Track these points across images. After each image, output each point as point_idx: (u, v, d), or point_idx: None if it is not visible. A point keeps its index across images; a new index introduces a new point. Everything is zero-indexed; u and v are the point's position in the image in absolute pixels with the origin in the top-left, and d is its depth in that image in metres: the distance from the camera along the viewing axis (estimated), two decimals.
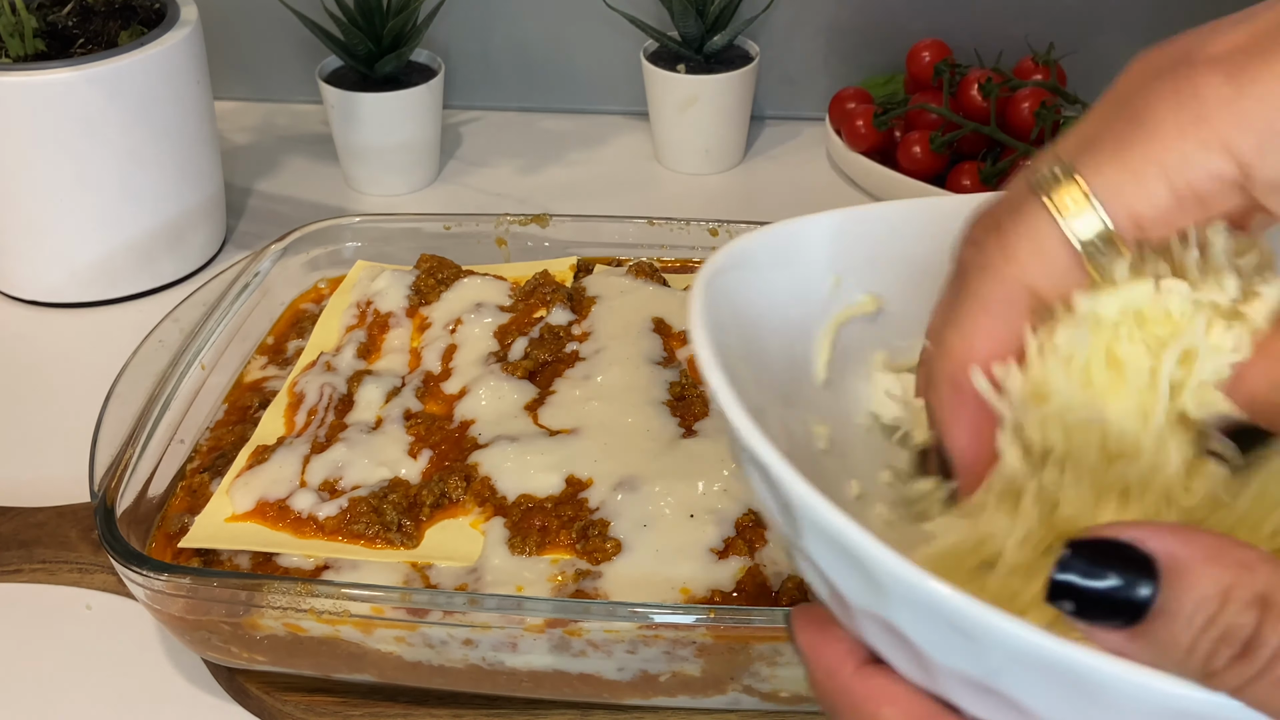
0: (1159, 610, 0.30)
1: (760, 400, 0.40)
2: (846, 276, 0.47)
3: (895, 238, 0.48)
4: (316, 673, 0.65)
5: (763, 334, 0.44)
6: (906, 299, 0.47)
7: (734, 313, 0.42)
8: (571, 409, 0.74)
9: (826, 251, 0.47)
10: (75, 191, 0.92)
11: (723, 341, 0.40)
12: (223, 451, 0.74)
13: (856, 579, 0.33)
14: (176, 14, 0.96)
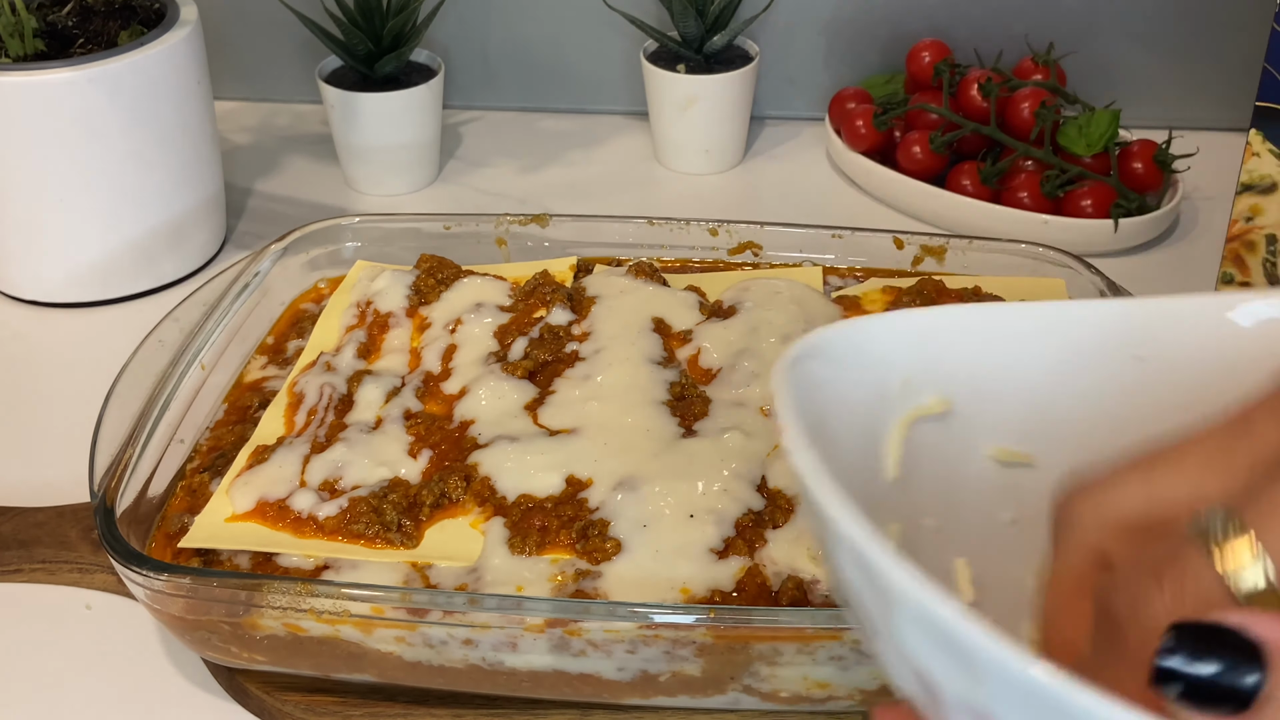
0: (1267, 697, 0.29)
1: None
2: (915, 378, 0.48)
3: (965, 342, 0.49)
4: (316, 673, 0.65)
5: (833, 427, 0.44)
6: (974, 403, 0.48)
7: (809, 403, 0.43)
8: (571, 409, 0.74)
9: (897, 352, 0.47)
10: (75, 191, 0.92)
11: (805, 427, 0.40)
12: (222, 451, 0.74)
13: (961, 671, 0.32)
14: (176, 14, 0.96)
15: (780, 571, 0.65)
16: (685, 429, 0.73)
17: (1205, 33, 1.14)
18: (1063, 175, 1.03)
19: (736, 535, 0.66)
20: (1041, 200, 1.02)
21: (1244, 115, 0.89)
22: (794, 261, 0.89)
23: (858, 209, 1.09)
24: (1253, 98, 0.87)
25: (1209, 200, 1.08)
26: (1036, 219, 1.00)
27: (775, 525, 0.67)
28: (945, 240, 0.88)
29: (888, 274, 0.87)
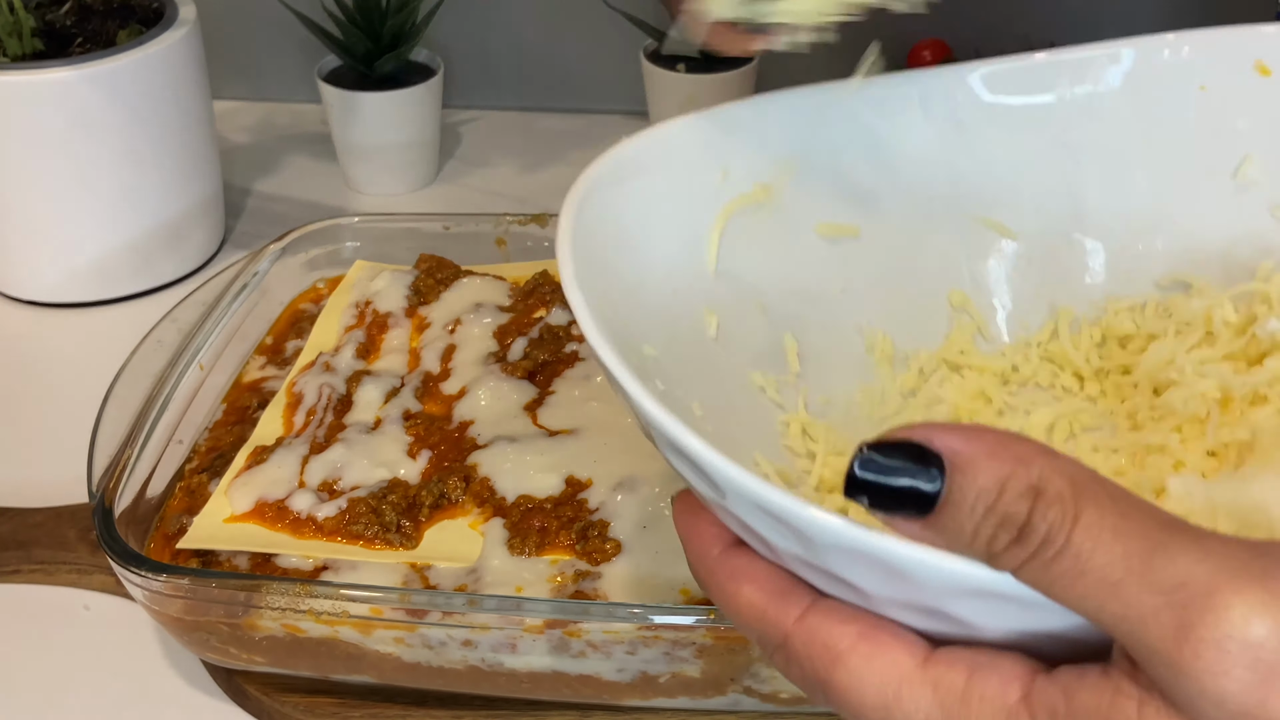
0: (945, 501, 0.33)
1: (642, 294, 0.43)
2: (734, 168, 0.49)
3: (779, 127, 0.50)
4: (315, 674, 0.65)
5: (648, 236, 0.46)
6: (796, 186, 0.50)
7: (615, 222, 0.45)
8: (571, 409, 0.74)
9: (711, 146, 0.49)
10: (73, 191, 0.92)
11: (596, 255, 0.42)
12: (221, 452, 0.74)
13: (700, 481, 0.36)
14: (175, 13, 0.95)
15: None
16: None
17: None
18: None
19: None
20: None
21: None
22: None
23: None
24: None
25: None
26: None
27: None
28: None
29: None
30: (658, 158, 0.47)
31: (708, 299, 0.48)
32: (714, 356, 0.47)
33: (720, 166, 0.49)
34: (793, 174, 0.51)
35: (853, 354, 0.52)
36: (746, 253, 0.49)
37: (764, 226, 0.50)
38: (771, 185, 0.50)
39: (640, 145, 0.47)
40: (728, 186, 0.49)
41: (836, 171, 0.51)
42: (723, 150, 0.49)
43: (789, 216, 0.50)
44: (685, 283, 0.47)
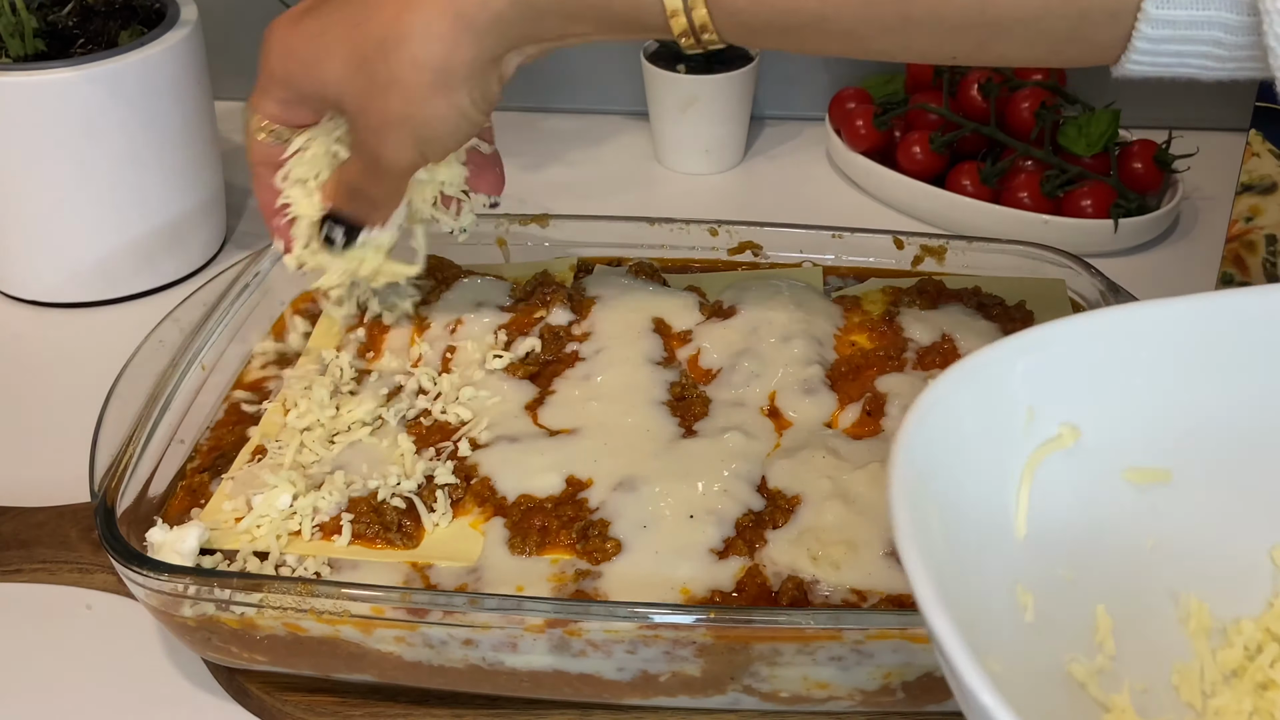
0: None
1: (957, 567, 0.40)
2: (1040, 406, 0.46)
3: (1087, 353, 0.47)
4: (316, 673, 0.65)
5: (960, 482, 0.43)
6: (1103, 423, 0.46)
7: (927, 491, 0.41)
8: (571, 409, 0.74)
9: (1016, 382, 0.46)
10: (75, 191, 0.92)
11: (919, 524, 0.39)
12: (223, 451, 0.74)
13: None
14: (176, 14, 0.96)
15: (780, 571, 0.65)
16: (685, 429, 0.73)
17: None
18: (1063, 175, 1.03)
19: (736, 535, 0.66)
20: (1041, 200, 1.02)
21: (1244, 115, 0.89)
22: (794, 261, 0.89)
23: (858, 209, 1.09)
24: (1253, 98, 0.87)
25: (1209, 200, 1.08)
26: (1036, 219, 1.00)
27: (775, 525, 0.67)
28: (945, 240, 0.88)
29: (888, 274, 0.87)
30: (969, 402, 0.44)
31: (1020, 574, 0.44)
32: (1031, 646, 0.43)
33: (1027, 404, 0.45)
34: (1100, 410, 0.46)
35: (1166, 625, 0.47)
36: (1054, 510, 0.45)
37: (1069, 475, 0.46)
38: (1078, 426, 0.46)
39: (953, 387, 0.44)
40: (1033, 430, 0.45)
41: (1149, 406, 0.47)
42: (1028, 385, 0.45)
43: (1095, 461, 0.46)
44: (996, 552, 0.44)
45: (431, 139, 0.65)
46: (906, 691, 0.62)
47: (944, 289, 0.84)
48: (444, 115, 0.64)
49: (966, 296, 0.84)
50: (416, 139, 0.65)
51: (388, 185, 0.69)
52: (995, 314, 0.82)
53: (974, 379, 0.45)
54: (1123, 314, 0.47)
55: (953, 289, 0.84)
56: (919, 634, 0.59)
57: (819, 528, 0.66)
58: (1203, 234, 1.05)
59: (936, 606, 0.36)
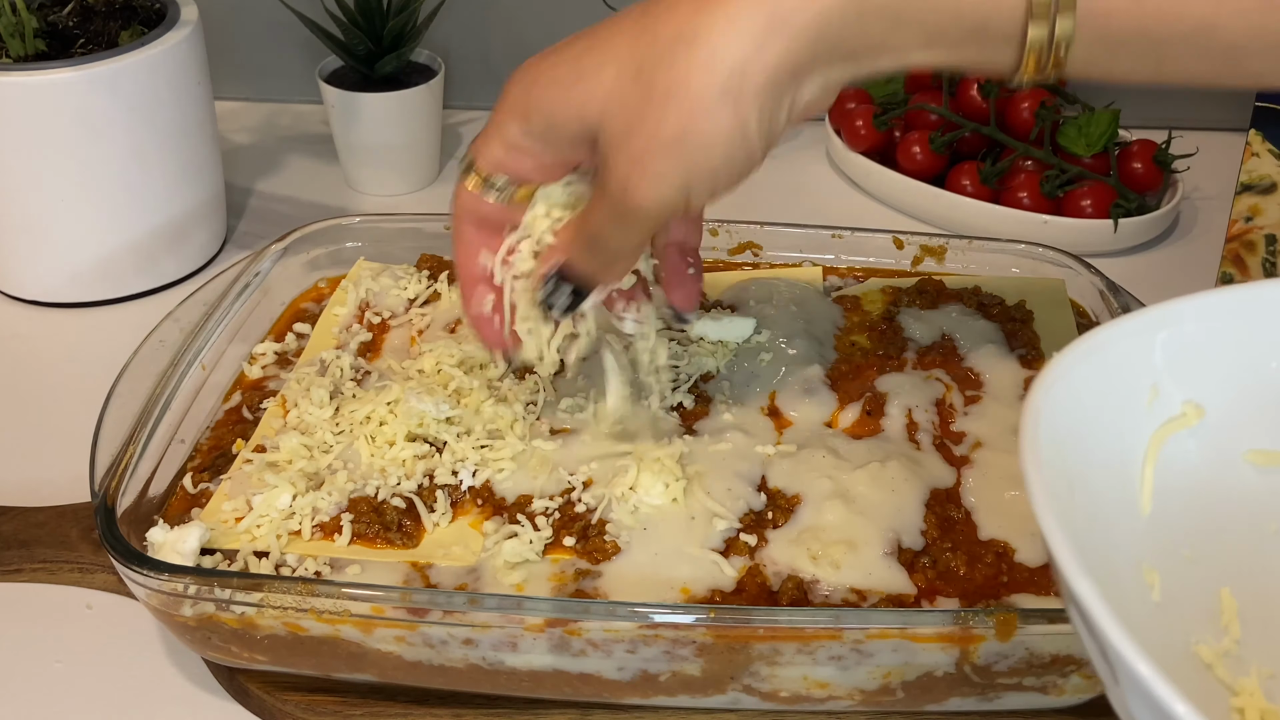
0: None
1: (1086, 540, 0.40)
2: (1164, 383, 0.46)
3: (1214, 331, 0.46)
4: (317, 672, 0.65)
5: (1088, 473, 0.43)
6: (1226, 402, 0.46)
7: (1062, 461, 0.41)
8: (572, 409, 0.74)
9: (1141, 360, 0.45)
10: (76, 191, 0.93)
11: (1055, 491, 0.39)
12: (223, 451, 0.74)
13: None
14: (177, 14, 0.96)
15: (780, 571, 0.65)
16: (685, 429, 0.73)
17: None
18: (1062, 175, 1.03)
19: (737, 535, 0.66)
20: (1041, 200, 1.02)
21: (1244, 115, 0.89)
22: (794, 261, 0.89)
23: (858, 209, 1.09)
24: (1253, 98, 0.87)
25: (1209, 200, 1.08)
26: (1036, 219, 1.00)
27: (775, 525, 0.67)
28: (945, 240, 0.88)
29: (888, 274, 0.88)
30: (1095, 379, 0.44)
31: (1145, 552, 0.44)
32: (1158, 626, 0.43)
33: (1150, 382, 0.45)
34: (1224, 390, 0.46)
35: None
36: (1177, 489, 0.45)
37: (1192, 454, 0.46)
38: (1202, 404, 0.46)
39: (1078, 361, 0.44)
40: (1157, 408, 0.45)
41: (1271, 385, 0.47)
42: (1153, 362, 0.45)
43: (1218, 441, 0.46)
44: (1121, 530, 0.44)
45: (703, 167, 0.55)
46: (906, 691, 0.62)
47: (944, 289, 0.84)
48: (725, 134, 0.54)
49: (966, 296, 0.84)
50: (684, 167, 0.55)
51: (635, 232, 0.59)
52: (995, 314, 0.82)
53: (1098, 354, 0.44)
54: (1253, 291, 0.47)
55: (953, 289, 0.84)
56: (919, 634, 0.59)
57: (819, 527, 0.66)
58: (1202, 234, 1.05)
59: (1081, 575, 0.36)
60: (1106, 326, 0.45)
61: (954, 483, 0.70)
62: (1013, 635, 0.58)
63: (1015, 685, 0.61)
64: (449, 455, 0.71)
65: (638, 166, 0.56)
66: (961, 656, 0.60)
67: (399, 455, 0.71)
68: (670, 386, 0.75)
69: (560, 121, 0.59)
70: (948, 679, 0.61)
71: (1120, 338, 0.45)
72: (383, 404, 0.73)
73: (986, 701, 0.62)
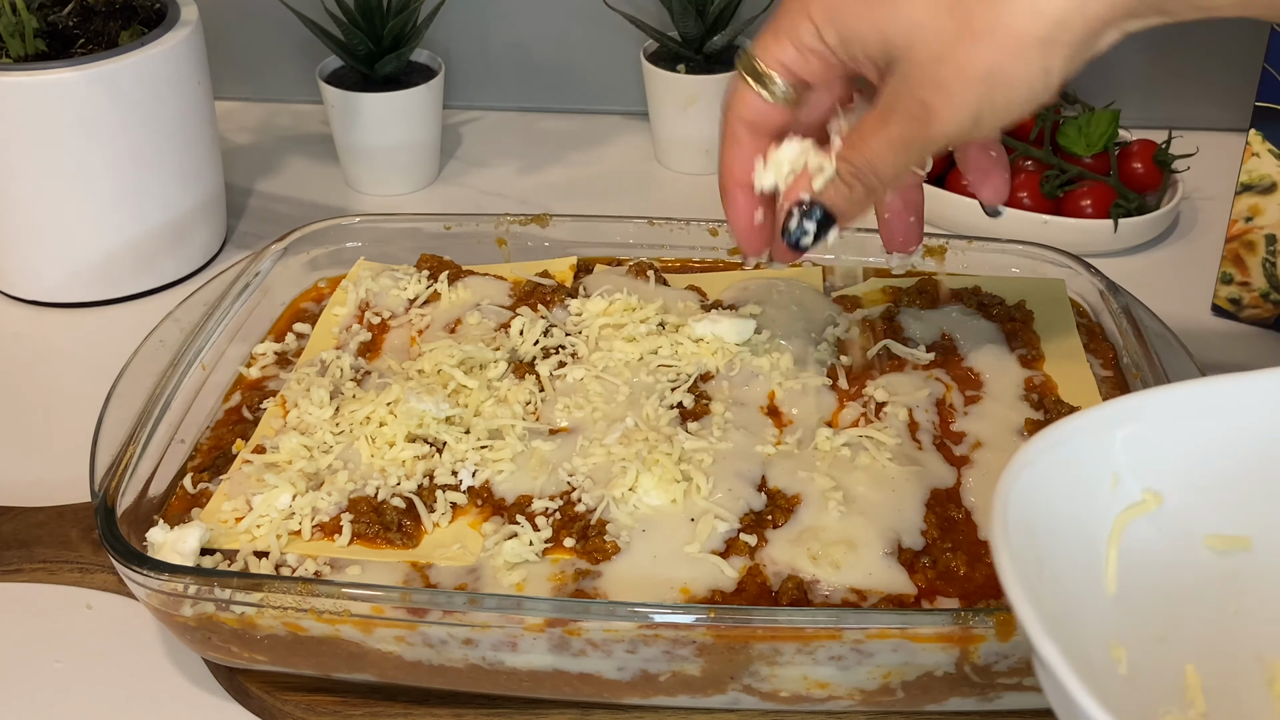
0: None
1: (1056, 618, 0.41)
2: (1124, 473, 0.48)
3: (1170, 424, 0.49)
4: (317, 672, 0.65)
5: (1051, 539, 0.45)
6: (1184, 491, 0.48)
7: (1027, 535, 0.44)
8: (571, 409, 0.74)
9: (1102, 449, 0.48)
10: (76, 191, 0.93)
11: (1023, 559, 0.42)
12: (223, 451, 0.74)
13: None
14: (177, 14, 0.96)
15: (780, 571, 0.65)
16: (685, 428, 0.73)
17: (1205, 33, 1.14)
18: (1062, 175, 1.03)
19: (736, 535, 0.66)
20: (1041, 200, 1.02)
21: (1244, 115, 0.89)
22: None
23: None
24: (1253, 98, 0.87)
25: (1209, 200, 1.08)
26: (1036, 219, 1.00)
27: (775, 525, 0.67)
28: (945, 240, 0.88)
29: (888, 274, 0.88)
30: (1059, 464, 0.46)
31: (1112, 630, 0.46)
32: (1126, 699, 0.44)
33: (1112, 470, 0.48)
34: (1181, 478, 0.48)
35: (1253, 687, 0.48)
36: (1141, 571, 0.47)
37: (1154, 539, 0.48)
38: (1161, 492, 0.48)
39: (1043, 449, 0.46)
40: (1119, 494, 0.47)
41: (1228, 476, 0.49)
42: (1114, 452, 0.48)
43: (1178, 526, 0.48)
44: (1089, 608, 0.45)
45: (1001, 104, 0.57)
46: (906, 691, 0.62)
47: (944, 289, 0.84)
48: (1030, 78, 0.56)
49: (966, 296, 0.84)
50: (985, 100, 0.57)
51: (916, 154, 0.61)
52: (995, 314, 0.82)
53: (1063, 446, 0.47)
54: (1204, 388, 0.49)
55: (953, 289, 0.84)
56: (919, 634, 0.59)
57: (819, 527, 0.66)
58: (1202, 234, 1.05)
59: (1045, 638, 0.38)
60: (1070, 420, 0.47)
61: (954, 483, 0.70)
62: (1013, 635, 0.58)
63: (1015, 685, 0.61)
64: (449, 455, 0.71)
65: (941, 93, 0.57)
66: (961, 656, 0.60)
67: (399, 455, 0.71)
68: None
69: (861, 34, 0.60)
70: (948, 679, 0.61)
71: (1082, 431, 0.47)
72: (383, 404, 0.73)
73: (986, 701, 0.62)
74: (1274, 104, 0.87)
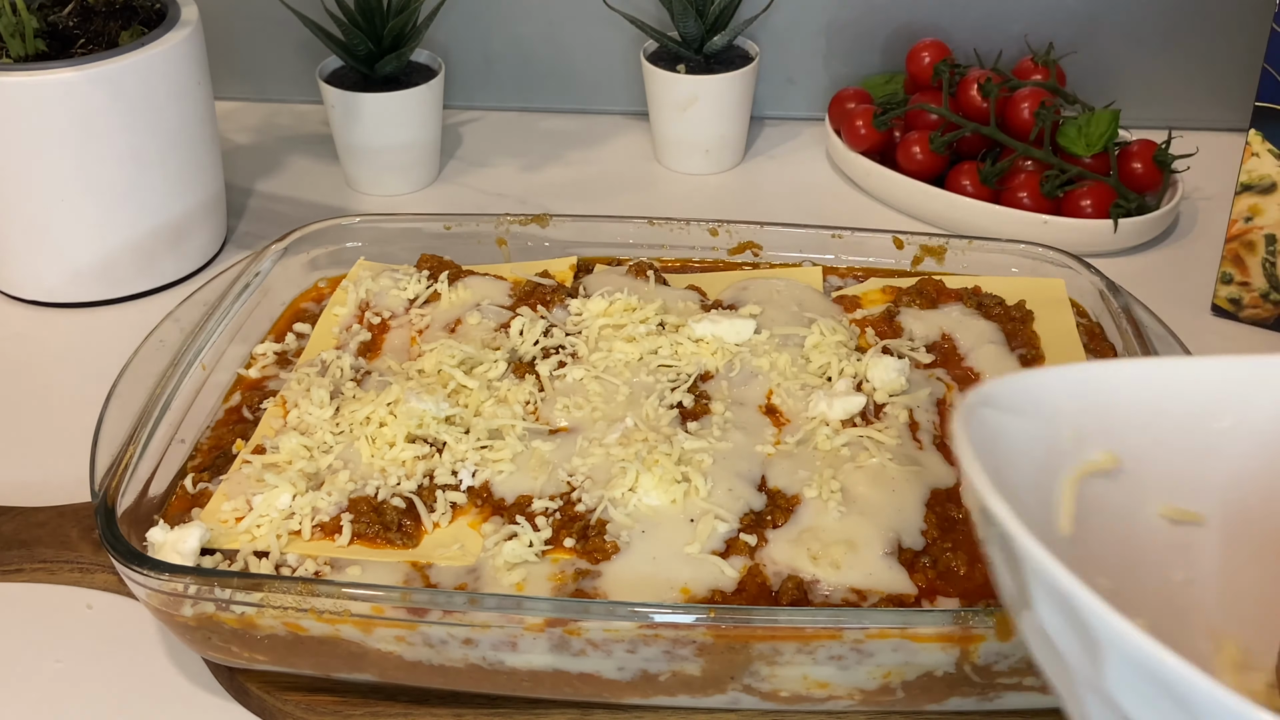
0: None
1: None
2: (1085, 431, 0.48)
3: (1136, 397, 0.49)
4: (317, 672, 0.65)
5: (1008, 476, 0.45)
6: (1143, 460, 0.48)
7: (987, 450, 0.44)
8: (571, 409, 0.74)
9: (1068, 403, 0.48)
10: (76, 192, 0.93)
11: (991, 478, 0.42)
12: (223, 451, 0.74)
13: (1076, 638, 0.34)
14: (177, 14, 0.96)
15: (780, 571, 0.65)
16: (685, 428, 0.73)
17: (1205, 33, 1.14)
18: (1062, 175, 1.03)
19: (737, 535, 0.66)
20: (1041, 200, 1.02)
21: (1244, 115, 0.89)
22: (794, 261, 0.89)
23: (858, 209, 1.09)
24: (1253, 98, 0.87)
25: (1209, 200, 1.08)
26: (1036, 219, 1.00)
27: (775, 525, 0.67)
28: (945, 240, 0.88)
29: (887, 274, 0.88)
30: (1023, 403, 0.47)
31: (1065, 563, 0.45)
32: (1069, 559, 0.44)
33: (1074, 426, 0.48)
34: (1140, 449, 0.49)
35: (1199, 656, 0.48)
36: (1095, 523, 0.47)
37: (1110, 497, 0.48)
38: (1120, 457, 0.48)
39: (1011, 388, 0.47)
40: (1080, 449, 0.48)
41: (1187, 452, 0.49)
42: (1079, 410, 0.48)
43: (1134, 492, 0.49)
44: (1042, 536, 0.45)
45: None
46: (906, 691, 0.62)
47: (944, 289, 0.84)
48: None
49: (966, 296, 0.84)
50: None
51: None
52: (995, 313, 0.82)
53: (1028, 393, 0.47)
54: (1178, 366, 0.50)
55: (953, 289, 0.84)
56: (919, 634, 0.59)
57: (819, 527, 0.66)
58: (1202, 234, 1.05)
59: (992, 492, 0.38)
60: (1044, 370, 0.48)
61: (954, 483, 0.70)
62: (1013, 635, 0.58)
63: (1015, 685, 0.61)
64: (449, 455, 0.71)
65: None
66: (961, 656, 0.60)
67: (399, 455, 0.71)
68: None
69: None
70: (948, 679, 0.61)
71: (1046, 385, 0.48)
72: (383, 404, 0.73)
73: (986, 701, 0.62)
74: (1274, 104, 0.87)
